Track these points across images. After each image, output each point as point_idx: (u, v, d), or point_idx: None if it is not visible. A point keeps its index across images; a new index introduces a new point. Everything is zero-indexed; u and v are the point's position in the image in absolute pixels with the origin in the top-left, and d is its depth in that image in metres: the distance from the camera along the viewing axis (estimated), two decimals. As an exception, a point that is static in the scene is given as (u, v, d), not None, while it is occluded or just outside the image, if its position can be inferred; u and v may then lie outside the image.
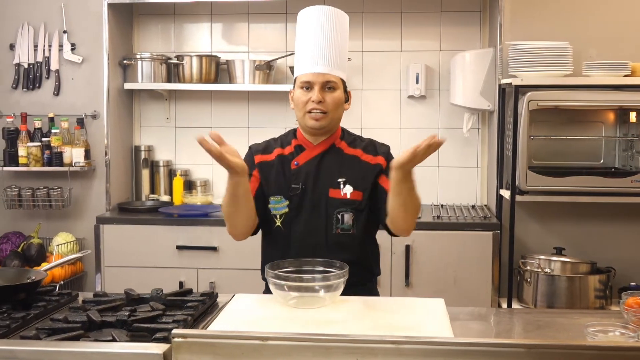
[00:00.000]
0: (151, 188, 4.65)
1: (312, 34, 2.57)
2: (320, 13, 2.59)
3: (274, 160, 2.64)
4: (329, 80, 2.55)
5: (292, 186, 2.59)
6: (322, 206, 2.57)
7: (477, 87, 4.25)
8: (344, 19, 2.64)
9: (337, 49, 2.59)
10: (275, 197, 2.60)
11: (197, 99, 4.68)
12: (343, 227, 2.57)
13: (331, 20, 2.58)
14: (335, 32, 2.58)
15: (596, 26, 4.13)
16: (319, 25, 2.57)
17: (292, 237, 2.59)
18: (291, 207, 2.58)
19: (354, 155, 2.63)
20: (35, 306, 2.22)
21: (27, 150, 4.33)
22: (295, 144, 2.65)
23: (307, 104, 2.55)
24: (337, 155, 2.63)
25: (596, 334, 1.95)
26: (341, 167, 2.60)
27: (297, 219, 2.58)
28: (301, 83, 2.56)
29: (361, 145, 2.66)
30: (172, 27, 4.69)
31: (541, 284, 3.77)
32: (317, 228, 2.57)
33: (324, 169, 2.61)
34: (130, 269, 4.09)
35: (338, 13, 2.62)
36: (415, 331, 2.02)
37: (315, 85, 2.54)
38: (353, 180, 2.59)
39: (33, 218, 4.54)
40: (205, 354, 1.69)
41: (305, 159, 2.62)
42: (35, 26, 4.51)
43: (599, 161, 4.10)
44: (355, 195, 2.58)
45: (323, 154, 2.63)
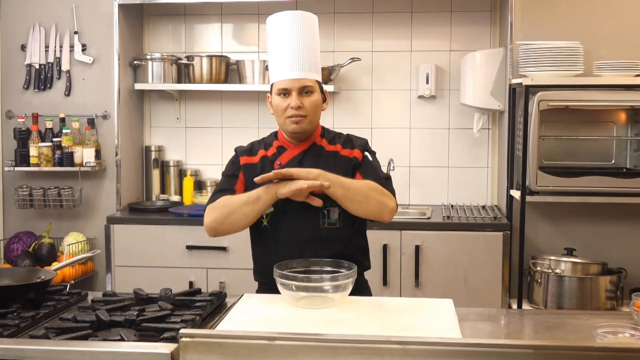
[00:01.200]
0: (161, 188, 4.66)
1: (284, 40, 2.60)
2: (289, 18, 2.62)
3: (258, 163, 2.68)
4: (306, 84, 2.59)
5: None
6: (307, 203, 2.56)
7: (487, 87, 4.23)
8: (313, 20, 2.68)
9: (310, 52, 2.63)
10: None
11: (207, 99, 4.69)
12: (330, 221, 2.60)
13: (301, 24, 2.62)
14: (306, 36, 2.62)
15: (607, 26, 4.11)
16: (289, 31, 2.60)
17: (280, 236, 2.62)
18: (276, 206, 2.59)
19: (334, 151, 2.68)
20: (45, 305, 2.23)
21: (38, 150, 4.35)
22: (277, 145, 2.70)
23: (287, 110, 2.59)
24: (318, 153, 2.68)
25: (605, 335, 1.94)
26: (322, 164, 2.61)
27: (283, 217, 2.61)
28: (278, 90, 2.60)
29: (340, 141, 2.71)
30: (182, 27, 4.70)
31: (551, 285, 3.76)
32: (304, 225, 2.60)
33: (305, 167, 2.61)
34: (141, 268, 4.10)
35: (307, 16, 2.65)
36: (422, 332, 2.02)
37: (293, 91, 2.58)
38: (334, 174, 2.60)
39: (44, 218, 4.56)
40: (213, 354, 1.70)
41: (287, 158, 2.66)
42: (47, 27, 4.52)
43: (610, 161, 4.08)
44: None
45: (304, 152, 2.67)
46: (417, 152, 4.55)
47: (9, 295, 2.25)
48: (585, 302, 3.70)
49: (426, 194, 4.57)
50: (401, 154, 4.51)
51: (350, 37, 4.55)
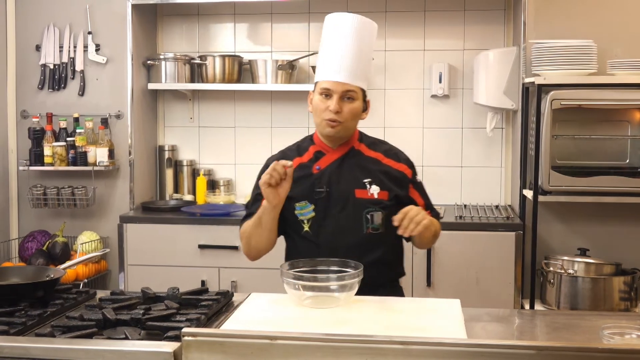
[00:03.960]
0: (175, 187, 4.68)
1: (338, 41, 2.55)
2: (349, 21, 2.57)
3: (295, 169, 2.58)
4: (349, 89, 2.54)
5: (316, 190, 2.59)
6: (349, 207, 2.57)
7: (500, 86, 4.21)
8: (372, 28, 2.63)
9: (361, 58, 2.57)
10: (300, 202, 2.60)
11: (220, 99, 4.70)
12: (373, 226, 2.57)
13: (359, 29, 2.57)
14: (361, 42, 2.57)
15: (621, 24, 4.06)
16: (346, 34, 2.55)
17: (321, 241, 2.58)
18: (317, 211, 2.58)
19: (375, 158, 2.65)
20: (53, 304, 2.25)
21: (52, 149, 4.38)
22: (314, 151, 2.67)
23: (325, 112, 2.55)
24: (358, 157, 2.64)
25: (612, 336, 1.92)
26: (364, 168, 2.61)
27: (325, 222, 2.58)
28: (321, 89, 2.56)
29: (381, 149, 2.68)
30: (195, 27, 4.71)
31: (564, 286, 3.72)
32: (347, 229, 2.57)
33: (346, 171, 2.62)
34: (153, 267, 4.12)
35: (367, 22, 2.60)
36: (427, 332, 2.01)
37: (335, 95, 2.53)
38: (378, 180, 2.60)
39: (58, 217, 4.59)
40: (215, 353, 1.70)
41: (326, 162, 2.63)
42: (61, 27, 4.56)
43: (625, 161, 4.03)
44: (382, 195, 2.59)
45: (343, 157, 2.64)
46: (430, 151, 4.53)
47: (18, 293, 2.27)
48: (598, 303, 3.67)
49: (439, 194, 4.53)
50: (414, 153, 4.40)
51: (363, 36, 4.54)
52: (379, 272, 2.56)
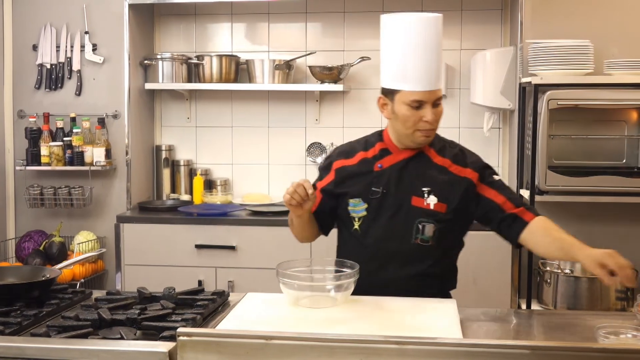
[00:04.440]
0: (172, 187, 4.68)
1: (416, 48, 2.42)
2: (420, 23, 2.44)
3: (356, 164, 2.58)
4: (439, 96, 2.46)
5: (373, 189, 2.52)
6: (402, 213, 2.50)
7: (497, 86, 4.21)
8: (440, 23, 2.50)
9: (440, 60, 2.48)
10: (354, 199, 2.54)
11: (217, 99, 4.69)
12: (423, 237, 2.49)
13: (433, 29, 2.45)
14: (437, 43, 2.46)
15: (618, 24, 4.07)
16: (422, 37, 2.43)
17: (368, 242, 2.52)
18: (369, 211, 2.52)
19: (442, 165, 2.53)
20: (48, 304, 2.25)
21: (49, 149, 4.38)
22: (381, 148, 2.58)
23: (419, 123, 2.44)
24: (424, 163, 2.54)
25: (607, 336, 1.92)
26: (426, 176, 2.51)
27: (375, 223, 2.52)
28: (411, 101, 2.42)
29: (451, 153, 2.56)
30: (193, 27, 4.71)
31: (561, 285, 3.72)
32: (395, 235, 2.50)
33: (407, 175, 2.53)
34: (150, 267, 4.11)
35: (436, 20, 2.48)
36: (422, 332, 2.01)
37: (427, 104, 2.43)
38: (438, 191, 2.49)
39: (55, 217, 4.58)
40: (210, 353, 1.70)
41: (390, 162, 2.55)
42: (58, 27, 4.55)
43: (622, 161, 4.04)
44: (438, 207, 2.49)
45: (409, 159, 2.54)
46: (427, 151, 4.53)
47: (14, 293, 2.27)
48: (595, 303, 3.67)
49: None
50: None
51: (360, 36, 4.54)
52: (425, 284, 2.49)
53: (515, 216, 2.50)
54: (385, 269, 2.50)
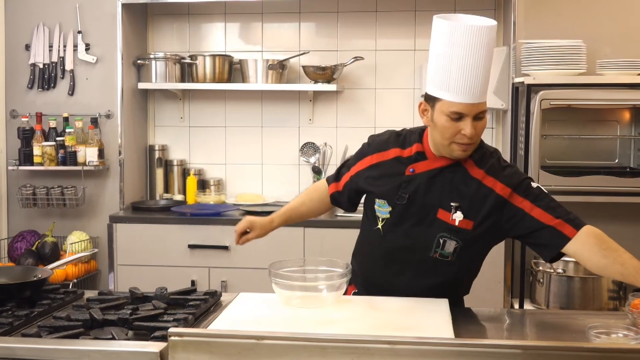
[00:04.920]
0: (165, 187, 4.67)
1: (465, 58, 2.27)
2: (474, 32, 2.29)
3: (389, 161, 2.48)
4: (482, 110, 2.30)
5: (400, 194, 2.42)
6: (426, 224, 2.40)
7: (490, 86, 4.18)
8: (493, 32, 2.35)
9: (488, 72, 2.33)
10: (380, 200, 2.46)
11: (210, 99, 4.69)
12: (442, 252, 2.39)
13: (485, 39, 2.30)
14: (488, 54, 2.31)
15: (610, 24, 4.08)
16: (473, 49, 2.27)
17: (386, 246, 2.45)
18: (393, 214, 2.42)
19: (476, 178, 2.37)
20: (40, 304, 2.24)
21: (41, 149, 4.37)
22: (417, 150, 2.44)
23: (458, 136, 2.30)
24: (459, 175, 2.39)
25: (599, 335, 1.92)
26: (458, 190, 2.38)
27: (397, 228, 2.43)
28: (451, 112, 2.28)
29: (486, 164, 2.39)
30: (186, 26, 4.70)
31: (554, 285, 3.73)
32: (414, 245, 2.41)
33: (439, 185, 2.40)
34: (143, 267, 4.11)
35: (490, 29, 2.32)
36: (415, 331, 2.01)
37: (468, 117, 2.28)
38: (466, 207, 2.36)
39: (47, 217, 4.57)
40: (201, 353, 1.70)
41: (423, 168, 2.42)
42: (51, 27, 4.54)
43: (614, 160, 4.06)
44: (463, 224, 2.37)
45: (443, 168, 2.40)
46: (421, 151, 4.53)
47: (5, 293, 2.26)
48: (587, 302, 3.68)
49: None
50: None
51: (354, 36, 4.54)
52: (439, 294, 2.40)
53: (553, 230, 2.32)
54: (400, 277, 2.45)
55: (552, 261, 2.43)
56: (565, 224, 2.32)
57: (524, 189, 2.36)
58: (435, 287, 2.42)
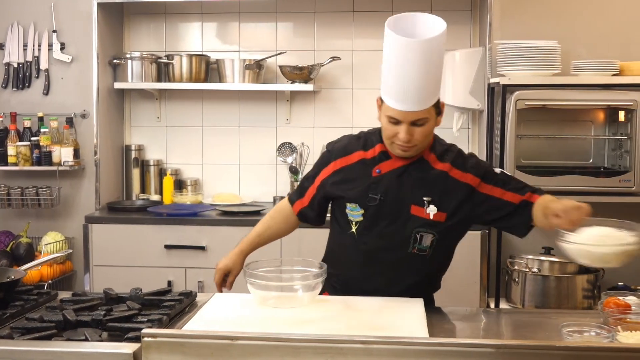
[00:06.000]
0: (142, 187, 4.64)
1: (400, 67, 2.29)
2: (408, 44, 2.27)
3: (354, 165, 2.50)
4: (421, 117, 2.32)
5: (370, 195, 2.44)
6: (400, 222, 2.42)
7: (466, 86, 4.23)
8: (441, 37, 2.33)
9: (433, 78, 2.33)
10: (351, 204, 2.47)
11: (187, 99, 4.67)
12: (420, 247, 2.43)
13: (423, 51, 2.27)
14: (432, 60, 2.29)
15: (585, 25, 4.12)
16: (415, 61, 2.26)
17: (365, 247, 2.46)
18: (366, 217, 2.44)
19: (442, 170, 2.43)
20: (13, 305, 2.22)
21: (16, 149, 4.33)
22: (380, 150, 2.47)
23: (395, 137, 2.35)
24: (424, 170, 2.44)
25: (571, 334, 1.94)
26: (427, 184, 2.42)
27: (372, 230, 2.45)
28: (388, 117, 2.34)
29: (450, 157, 2.46)
30: (162, 26, 4.68)
31: (529, 284, 3.76)
32: (392, 244, 2.43)
33: (407, 183, 2.43)
34: (119, 268, 4.08)
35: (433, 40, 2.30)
36: (389, 331, 2.01)
37: (404, 124, 2.32)
38: (438, 199, 2.41)
39: (22, 217, 4.54)
40: (175, 354, 1.69)
41: (388, 168, 2.45)
42: (25, 26, 4.51)
43: (589, 160, 4.09)
44: (438, 217, 2.41)
45: (408, 166, 2.44)
46: (398, 151, 4.54)
47: (-23, 295, 2.24)
48: (562, 301, 3.71)
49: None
50: None
51: (331, 36, 4.55)
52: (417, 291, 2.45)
53: (525, 203, 2.41)
54: (379, 276, 2.46)
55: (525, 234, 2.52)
56: (533, 194, 2.43)
57: (492, 177, 2.46)
58: (413, 284, 2.45)
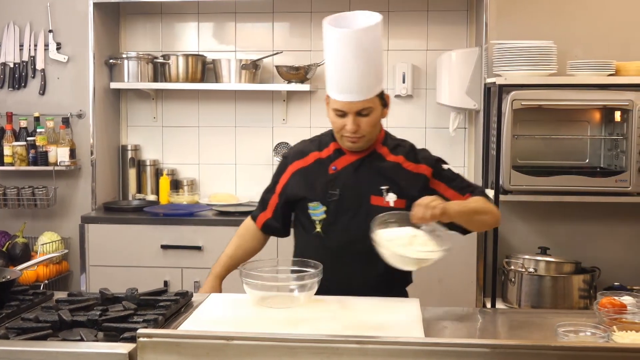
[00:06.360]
0: (138, 187, 4.64)
1: (344, 58, 2.39)
2: (345, 36, 2.37)
3: (311, 165, 2.58)
4: (365, 107, 2.43)
5: (330, 192, 2.52)
6: (362, 213, 2.48)
7: (463, 87, 4.24)
8: (378, 26, 2.43)
9: (373, 68, 2.43)
10: (312, 203, 2.54)
11: (183, 99, 4.67)
12: None
13: (359, 41, 2.37)
14: (370, 50, 2.40)
15: (581, 25, 4.13)
16: (352, 48, 2.37)
17: (331, 244, 2.52)
18: (329, 213, 2.52)
19: (396, 162, 2.54)
20: (8, 305, 2.21)
21: (12, 149, 4.32)
22: (335, 148, 2.57)
23: (343, 130, 2.46)
24: (378, 162, 2.55)
25: (567, 334, 1.94)
26: (383, 174, 2.52)
27: (336, 225, 2.52)
28: (334, 109, 2.46)
29: (403, 151, 2.57)
30: (159, 26, 4.67)
31: (525, 284, 3.77)
32: (358, 236, 2.47)
33: (363, 175, 2.53)
34: (115, 268, 4.08)
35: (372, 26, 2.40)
36: (385, 331, 2.01)
37: (350, 115, 2.43)
38: (396, 188, 2.50)
39: (18, 217, 4.54)
40: (170, 354, 1.69)
41: (344, 163, 2.55)
42: (21, 25, 4.50)
43: (585, 161, 4.09)
44: (398, 204, 2.48)
45: (363, 159, 2.54)
46: (394, 151, 4.54)
47: (-28, 295, 2.23)
48: (558, 301, 3.72)
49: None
50: None
51: (327, 36, 4.54)
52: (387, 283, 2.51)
53: None
54: (349, 269, 2.51)
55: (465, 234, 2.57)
56: (471, 196, 2.53)
57: (439, 171, 2.58)
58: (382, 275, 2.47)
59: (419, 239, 2.24)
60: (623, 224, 4.16)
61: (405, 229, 2.28)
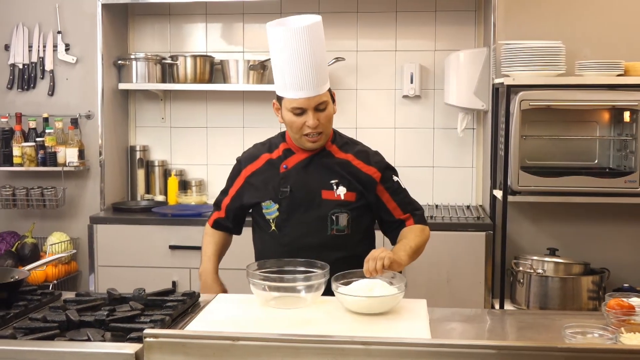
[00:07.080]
0: (146, 188, 4.65)
1: (293, 56, 2.48)
2: (296, 32, 2.48)
3: (263, 167, 2.68)
4: (321, 101, 2.53)
5: (281, 189, 2.62)
6: (315, 208, 2.59)
7: (471, 87, 4.23)
8: (319, 25, 2.54)
9: (321, 64, 2.54)
10: (265, 202, 2.64)
11: (192, 99, 4.68)
12: (338, 227, 2.59)
13: (308, 35, 2.49)
14: (315, 48, 2.50)
15: (589, 25, 4.11)
16: (297, 45, 2.48)
17: (286, 240, 2.60)
18: (281, 211, 2.60)
19: (345, 159, 2.65)
20: (16, 305, 2.22)
21: (21, 150, 4.34)
22: (284, 148, 2.68)
23: (303, 128, 2.54)
24: (327, 158, 2.65)
25: (574, 335, 1.93)
26: (332, 169, 2.61)
27: (289, 222, 2.60)
28: (293, 109, 2.53)
29: (352, 150, 2.68)
30: (167, 27, 4.69)
31: (534, 285, 3.75)
32: (312, 230, 2.59)
33: (313, 172, 2.62)
34: (124, 268, 4.09)
35: (313, 27, 2.51)
36: (391, 332, 2.01)
37: (309, 110, 2.52)
38: (346, 182, 2.61)
39: (27, 218, 4.55)
40: (177, 354, 1.69)
41: (294, 162, 2.65)
42: (30, 27, 4.51)
43: (594, 161, 4.07)
44: (349, 197, 2.60)
45: (312, 156, 2.64)
46: (402, 152, 4.55)
47: (-19, 295, 2.24)
48: (567, 303, 3.70)
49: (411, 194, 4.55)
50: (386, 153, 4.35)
51: (335, 36, 4.54)
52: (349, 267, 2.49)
53: (401, 222, 2.66)
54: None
55: None
56: (410, 218, 2.67)
57: (387, 180, 2.67)
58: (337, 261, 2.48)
59: (378, 286, 2.27)
60: (632, 225, 4.13)
61: (364, 281, 2.31)
